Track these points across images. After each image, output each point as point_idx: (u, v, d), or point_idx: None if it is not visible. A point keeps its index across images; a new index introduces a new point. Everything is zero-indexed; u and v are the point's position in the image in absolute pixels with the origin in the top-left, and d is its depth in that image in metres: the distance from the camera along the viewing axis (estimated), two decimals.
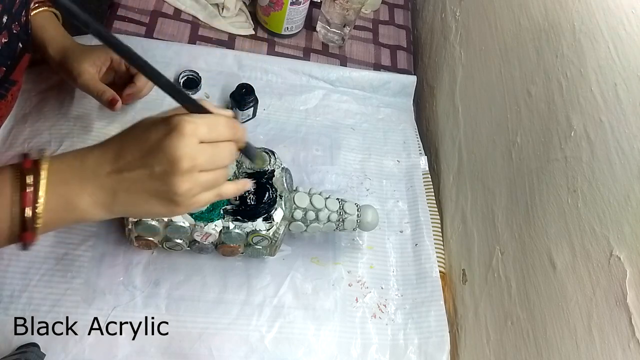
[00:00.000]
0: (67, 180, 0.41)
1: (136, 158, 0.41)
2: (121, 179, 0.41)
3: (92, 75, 0.65)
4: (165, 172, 0.40)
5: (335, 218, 0.64)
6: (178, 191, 0.41)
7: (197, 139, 0.41)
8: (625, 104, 0.47)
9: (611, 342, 0.45)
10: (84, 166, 0.42)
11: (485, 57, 0.76)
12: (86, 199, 0.41)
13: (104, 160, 0.42)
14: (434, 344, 0.67)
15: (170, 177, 0.40)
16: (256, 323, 0.64)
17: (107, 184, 0.41)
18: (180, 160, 0.40)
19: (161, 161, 0.40)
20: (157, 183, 0.41)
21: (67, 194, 0.41)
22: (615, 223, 0.46)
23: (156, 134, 0.41)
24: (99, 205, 0.42)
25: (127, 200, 0.42)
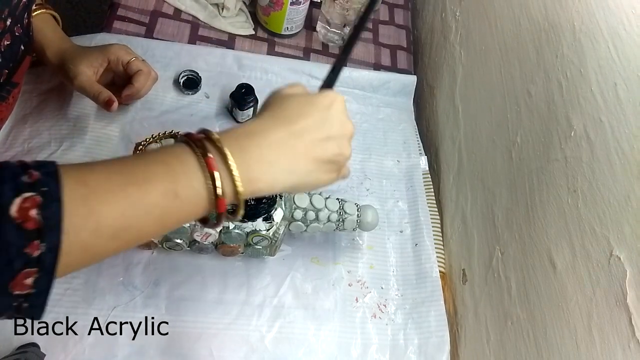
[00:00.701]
0: (246, 148, 0.39)
1: (310, 123, 0.42)
2: (299, 142, 0.41)
3: (89, 77, 0.65)
4: (341, 135, 0.43)
5: (335, 218, 0.64)
6: (348, 154, 0.44)
7: (345, 109, 0.45)
8: (625, 104, 0.47)
9: (611, 342, 0.45)
10: (259, 135, 0.40)
11: (485, 57, 0.76)
12: (265, 167, 0.39)
13: (277, 126, 0.41)
14: (434, 344, 0.67)
15: (344, 140, 0.44)
16: (256, 323, 0.64)
17: (288, 150, 0.40)
18: (348, 124, 0.44)
19: (336, 124, 0.43)
20: (333, 147, 0.43)
21: (248, 163, 0.38)
22: (615, 223, 0.46)
23: (321, 102, 0.43)
24: (277, 175, 0.40)
25: (305, 169, 0.42)
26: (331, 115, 0.43)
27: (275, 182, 0.40)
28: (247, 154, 0.39)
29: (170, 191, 0.35)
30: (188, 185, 0.36)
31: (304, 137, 0.41)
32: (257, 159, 0.39)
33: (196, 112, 0.79)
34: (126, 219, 0.34)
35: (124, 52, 0.68)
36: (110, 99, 0.65)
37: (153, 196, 0.35)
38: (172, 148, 0.38)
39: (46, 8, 0.67)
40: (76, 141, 0.69)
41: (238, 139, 0.39)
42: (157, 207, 0.35)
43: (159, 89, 0.78)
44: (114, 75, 0.70)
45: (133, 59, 0.68)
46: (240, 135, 0.40)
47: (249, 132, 0.40)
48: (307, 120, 0.42)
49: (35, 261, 0.29)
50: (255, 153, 0.39)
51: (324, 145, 0.42)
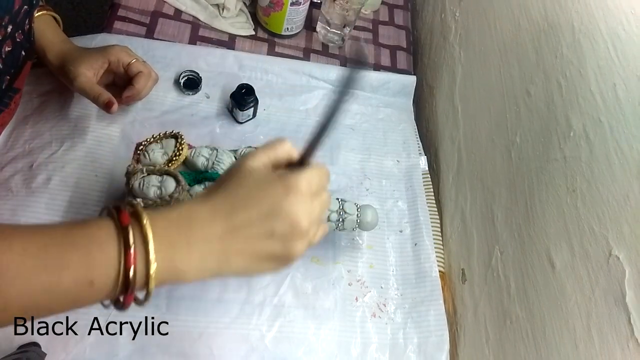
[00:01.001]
0: (174, 243, 0.36)
1: (253, 217, 0.38)
2: (235, 240, 0.38)
3: (89, 78, 0.65)
4: (286, 234, 0.39)
5: (335, 218, 0.64)
6: (296, 253, 0.40)
7: (310, 196, 0.40)
8: (625, 104, 0.47)
9: (610, 342, 0.45)
10: (192, 227, 0.37)
11: (485, 57, 0.76)
12: (194, 264, 0.37)
13: (215, 220, 0.38)
14: (434, 343, 0.67)
15: (291, 240, 0.39)
16: (256, 322, 0.64)
17: (220, 248, 0.38)
18: (301, 222, 0.39)
19: (283, 223, 0.38)
20: (276, 245, 0.39)
21: (174, 257, 0.36)
22: (614, 223, 0.46)
23: (274, 192, 0.39)
24: (206, 271, 0.38)
25: (238, 265, 0.39)
26: (280, 209, 0.38)
27: (203, 275, 0.38)
28: (174, 248, 0.36)
29: (85, 280, 0.34)
30: (104, 275, 0.34)
31: (240, 234, 0.38)
32: (184, 253, 0.37)
33: (197, 113, 0.79)
34: (36, 301, 0.33)
35: (125, 53, 0.68)
36: (110, 101, 0.65)
37: (66, 283, 0.33)
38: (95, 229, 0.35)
39: (47, 9, 0.67)
40: (77, 141, 0.70)
41: (169, 228, 0.37)
42: (69, 293, 0.34)
43: (160, 89, 0.78)
44: (114, 77, 0.70)
45: (133, 61, 0.68)
46: (172, 224, 0.37)
47: (183, 222, 0.37)
48: (250, 213, 0.38)
49: None
50: (183, 250, 0.37)
51: (264, 244, 0.39)
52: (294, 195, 0.39)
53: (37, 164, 0.67)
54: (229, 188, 0.40)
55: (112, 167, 0.70)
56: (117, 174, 0.69)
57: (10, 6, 0.50)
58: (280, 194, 0.39)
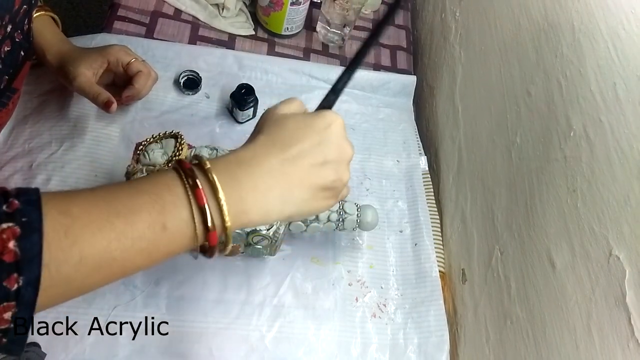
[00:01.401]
0: (238, 178, 0.38)
1: (306, 147, 0.40)
2: (295, 169, 0.39)
3: (88, 78, 0.65)
4: (338, 159, 0.42)
5: (335, 218, 0.64)
6: (345, 179, 0.43)
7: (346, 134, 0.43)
8: (625, 104, 0.47)
9: (610, 342, 0.45)
10: (251, 164, 0.38)
11: (485, 57, 0.76)
12: (258, 199, 0.38)
13: (270, 152, 0.39)
14: (434, 344, 0.67)
15: (341, 165, 0.42)
16: (256, 323, 0.64)
17: (281, 179, 0.39)
18: (347, 147, 0.43)
19: (332, 148, 0.41)
20: (330, 171, 0.41)
21: (239, 193, 0.37)
22: (614, 223, 0.46)
23: (318, 125, 0.42)
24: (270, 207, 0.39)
25: (300, 198, 0.40)
26: (328, 138, 0.41)
27: (269, 213, 0.39)
28: (239, 185, 0.37)
29: (157, 223, 0.34)
30: (177, 217, 0.35)
31: (298, 164, 0.40)
32: (249, 189, 0.38)
33: (196, 113, 0.79)
34: (111, 252, 0.32)
35: (124, 53, 0.68)
36: (109, 100, 0.65)
37: (139, 228, 0.33)
38: (161, 177, 0.36)
39: (46, 10, 0.67)
40: (76, 141, 0.70)
41: (230, 168, 0.38)
42: (143, 239, 0.34)
43: (160, 89, 0.78)
44: (114, 76, 0.70)
45: (133, 60, 0.68)
46: (232, 164, 0.38)
47: (242, 160, 0.39)
48: (303, 144, 0.40)
49: (13, 295, 0.28)
50: (247, 183, 0.38)
51: (321, 172, 0.41)
52: (336, 126, 0.42)
53: (36, 164, 0.67)
54: (273, 131, 0.42)
55: (112, 167, 0.70)
56: (116, 174, 0.69)
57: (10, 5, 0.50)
58: (324, 127, 0.42)
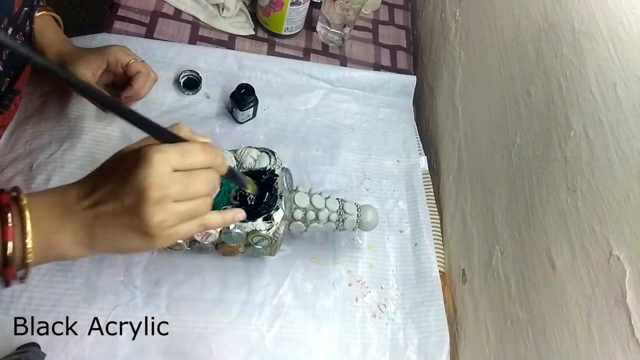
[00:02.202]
0: (48, 218, 0.40)
1: (107, 191, 0.40)
2: (96, 214, 0.40)
3: (87, 78, 0.65)
4: (135, 203, 0.38)
5: (335, 218, 0.64)
6: (150, 223, 0.39)
7: (168, 168, 0.39)
8: (625, 104, 0.47)
9: (610, 342, 0.45)
10: (64, 203, 0.41)
11: (485, 57, 0.76)
12: (67, 237, 0.40)
13: (82, 195, 0.41)
14: (434, 344, 0.67)
15: (140, 209, 0.38)
16: (256, 323, 0.64)
17: (85, 220, 0.40)
18: (148, 190, 0.38)
19: (130, 192, 0.38)
20: (129, 216, 0.39)
21: (49, 231, 0.40)
22: (614, 223, 0.46)
23: (126, 165, 0.39)
24: (79, 244, 0.41)
25: (105, 237, 0.41)
26: (127, 183, 0.39)
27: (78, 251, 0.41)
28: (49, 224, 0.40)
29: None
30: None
31: (100, 210, 0.40)
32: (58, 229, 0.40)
33: (196, 113, 0.79)
34: None
35: (123, 53, 0.68)
36: None
37: None
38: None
39: (47, 10, 0.67)
40: (77, 141, 0.69)
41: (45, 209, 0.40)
42: None
43: (159, 89, 0.78)
44: (114, 77, 0.70)
45: (132, 61, 0.68)
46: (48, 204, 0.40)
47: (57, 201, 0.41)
48: (105, 187, 0.40)
49: None
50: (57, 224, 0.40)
51: (120, 217, 0.39)
52: (143, 164, 0.38)
53: (36, 165, 0.67)
54: (99, 167, 0.43)
55: None
56: None
57: (9, 8, 0.50)
58: (131, 164, 0.39)
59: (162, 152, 0.39)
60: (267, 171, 0.62)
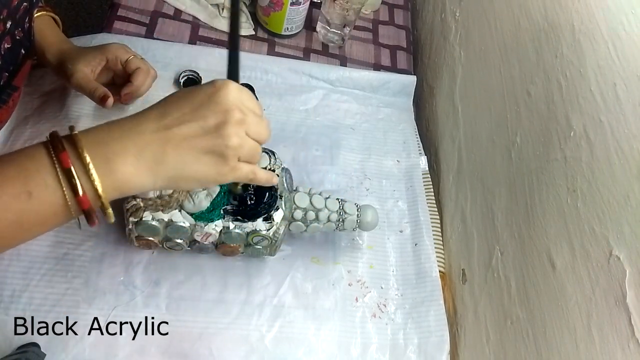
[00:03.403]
0: (105, 140, 0.38)
1: (186, 113, 0.39)
2: (170, 135, 0.39)
3: (85, 74, 0.65)
4: (220, 122, 0.40)
5: (335, 218, 0.64)
6: (230, 143, 0.40)
7: (241, 99, 0.41)
8: (625, 104, 0.47)
9: (610, 342, 0.45)
10: (123, 127, 0.39)
11: (485, 57, 0.76)
12: (129, 159, 0.38)
13: (147, 120, 0.39)
14: (434, 344, 0.67)
15: (224, 127, 0.40)
16: (256, 323, 0.64)
17: (153, 142, 0.38)
18: (233, 110, 0.40)
19: (215, 111, 0.40)
20: (209, 136, 0.40)
21: (106, 153, 0.37)
22: (614, 223, 0.46)
23: (204, 91, 0.40)
24: (143, 168, 0.38)
25: (176, 160, 0.39)
26: (211, 103, 0.40)
27: (141, 174, 0.39)
28: (106, 147, 0.37)
29: (22, 193, 0.34)
30: (41, 184, 0.35)
31: (174, 128, 0.39)
32: (118, 151, 0.38)
33: None
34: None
35: (123, 50, 0.68)
36: (105, 95, 0.64)
37: (4, 200, 0.34)
38: (29, 148, 0.37)
39: (47, 10, 0.67)
40: None
41: (99, 133, 0.38)
42: (9, 211, 0.34)
43: (159, 89, 0.78)
44: (113, 75, 0.70)
45: (131, 57, 0.68)
46: (102, 130, 0.39)
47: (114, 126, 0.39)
48: (181, 110, 0.40)
49: None
50: (116, 146, 0.38)
51: (200, 136, 0.40)
52: (225, 88, 0.40)
53: None
54: (160, 103, 0.42)
55: None
56: None
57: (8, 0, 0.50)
58: (208, 94, 0.40)
59: (238, 85, 0.42)
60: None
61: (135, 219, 0.56)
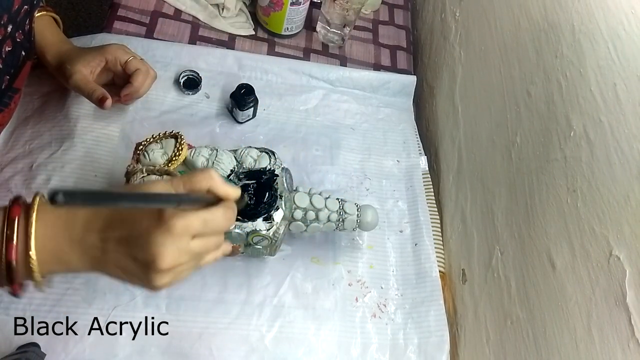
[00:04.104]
0: (57, 237, 0.40)
1: (122, 238, 0.39)
2: (106, 252, 0.40)
3: (84, 75, 0.65)
4: (146, 264, 0.39)
5: (335, 218, 0.64)
6: (155, 285, 0.40)
7: (188, 237, 0.39)
8: (625, 104, 0.47)
9: (610, 342, 0.45)
10: (73, 225, 0.40)
11: (485, 57, 0.76)
12: (75, 258, 0.40)
13: (93, 227, 0.40)
14: (434, 344, 0.67)
15: (150, 271, 0.39)
16: (256, 323, 0.64)
17: (94, 252, 0.40)
18: (162, 259, 0.38)
19: (144, 253, 0.38)
20: (137, 269, 0.40)
21: (57, 250, 0.40)
22: (614, 223, 0.46)
23: (147, 222, 0.39)
24: (87, 266, 0.41)
25: (111, 272, 0.41)
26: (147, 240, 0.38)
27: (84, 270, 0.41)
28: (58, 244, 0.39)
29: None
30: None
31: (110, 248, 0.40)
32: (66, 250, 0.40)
33: (196, 112, 0.79)
34: None
35: (122, 51, 0.68)
36: (103, 96, 0.64)
37: None
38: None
39: (47, 10, 0.67)
40: (76, 142, 0.69)
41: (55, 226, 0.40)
42: None
43: (159, 89, 0.78)
44: (113, 76, 0.70)
45: (131, 58, 0.68)
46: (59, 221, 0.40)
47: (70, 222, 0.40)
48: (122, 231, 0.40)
49: None
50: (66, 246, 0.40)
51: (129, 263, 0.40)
52: (163, 231, 0.38)
53: (36, 165, 0.67)
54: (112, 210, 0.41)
55: (112, 167, 0.70)
56: (116, 174, 0.69)
57: (9, 5, 0.50)
58: (152, 224, 0.38)
59: (186, 220, 0.38)
60: (267, 171, 0.62)
61: None
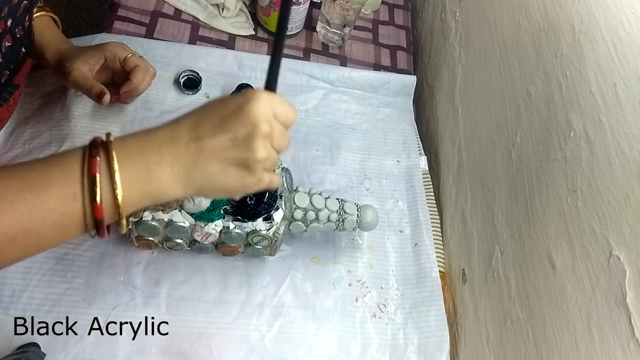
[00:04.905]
0: (145, 149, 0.39)
1: (216, 125, 0.40)
2: (201, 147, 0.40)
3: (83, 72, 0.65)
4: (248, 135, 0.40)
5: (335, 218, 0.64)
6: (258, 156, 0.41)
7: (272, 110, 0.41)
8: (625, 104, 0.47)
9: (611, 342, 0.45)
10: (159, 136, 0.40)
11: (485, 57, 0.76)
12: (165, 169, 0.39)
13: (181, 131, 0.40)
14: (434, 344, 0.67)
15: (252, 140, 0.40)
16: (256, 322, 0.64)
17: (186, 153, 0.40)
18: (262, 123, 0.40)
19: (243, 125, 0.40)
20: (238, 149, 0.40)
21: (147, 162, 0.39)
22: (614, 223, 0.46)
23: (235, 102, 0.41)
24: (177, 178, 0.40)
25: (205, 171, 0.41)
26: (240, 116, 0.40)
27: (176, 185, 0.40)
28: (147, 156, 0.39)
29: (68, 195, 0.35)
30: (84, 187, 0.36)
31: (205, 142, 0.40)
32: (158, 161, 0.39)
33: None
34: (23, 225, 0.34)
35: (121, 48, 0.68)
36: (101, 92, 0.64)
37: (51, 201, 0.34)
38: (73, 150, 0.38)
39: (46, 10, 0.67)
40: (77, 141, 0.69)
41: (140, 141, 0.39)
42: (55, 212, 0.35)
43: (159, 89, 0.78)
44: (112, 74, 0.70)
45: (130, 55, 0.67)
46: (142, 139, 0.40)
47: (154, 135, 0.40)
48: (212, 120, 0.41)
49: None
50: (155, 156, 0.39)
51: (229, 148, 0.40)
52: (255, 100, 0.40)
53: None
54: (194, 110, 0.43)
55: None
56: None
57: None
58: (241, 101, 0.41)
59: (269, 95, 0.42)
60: None
61: (135, 218, 0.56)
